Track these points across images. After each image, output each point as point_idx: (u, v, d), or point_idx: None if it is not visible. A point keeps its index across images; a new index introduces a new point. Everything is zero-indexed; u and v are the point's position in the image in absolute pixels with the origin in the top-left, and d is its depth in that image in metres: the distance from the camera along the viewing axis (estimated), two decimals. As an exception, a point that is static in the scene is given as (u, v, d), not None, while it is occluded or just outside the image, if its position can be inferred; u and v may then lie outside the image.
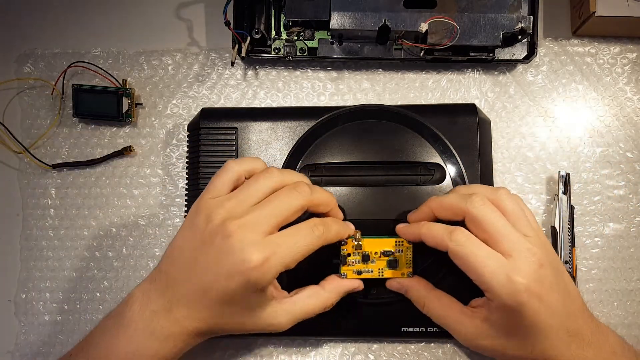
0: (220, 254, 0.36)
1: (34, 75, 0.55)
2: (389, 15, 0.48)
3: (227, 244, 0.36)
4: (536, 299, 0.36)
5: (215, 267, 0.36)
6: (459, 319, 0.40)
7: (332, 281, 0.42)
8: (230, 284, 0.36)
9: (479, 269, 0.37)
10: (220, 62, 0.54)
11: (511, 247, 0.37)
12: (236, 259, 0.36)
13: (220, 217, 0.37)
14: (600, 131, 0.52)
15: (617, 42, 0.52)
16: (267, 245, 0.36)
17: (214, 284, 0.37)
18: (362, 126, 0.48)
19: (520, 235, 0.37)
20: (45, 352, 0.52)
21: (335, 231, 0.40)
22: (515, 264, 0.36)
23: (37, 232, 0.53)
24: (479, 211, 0.38)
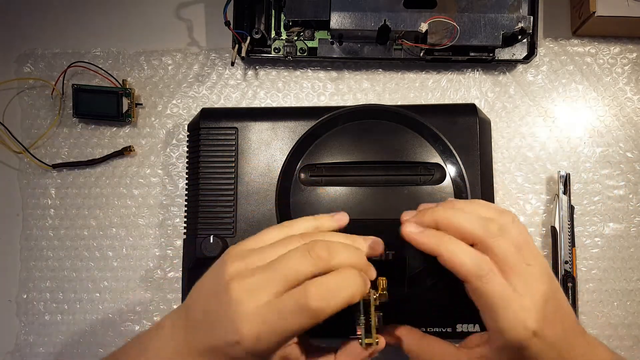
0: (222, 314, 0.34)
1: (34, 75, 0.55)
2: (389, 15, 0.48)
3: (227, 305, 0.33)
4: (539, 339, 0.35)
5: (218, 329, 0.34)
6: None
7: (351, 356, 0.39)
8: (232, 350, 0.34)
9: (498, 311, 0.34)
10: (220, 62, 0.54)
11: (522, 283, 0.34)
12: (232, 327, 0.33)
13: (231, 272, 0.34)
14: (600, 131, 0.52)
15: (617, 42, 0.52)
16: (259, 320, 0.33)
17: (218, 345, 0.34)
18: (362, 126, 0.48)
19: (527, 269, 0.35)
20: (46, 352, 0.52)
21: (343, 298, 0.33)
22: (526, 303, 0.34)
23: (37, 232, 0.53)
24: (497, 244, 0.35)
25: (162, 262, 0.52)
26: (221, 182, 0.48)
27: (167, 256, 0.52)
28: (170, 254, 0.52)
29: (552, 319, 0.36)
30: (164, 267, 0.52)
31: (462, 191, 0.46)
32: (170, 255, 0.52)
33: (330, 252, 0.34)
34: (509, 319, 0.34)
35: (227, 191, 0.48)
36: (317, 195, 0.47)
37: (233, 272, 0.34)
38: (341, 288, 0.33)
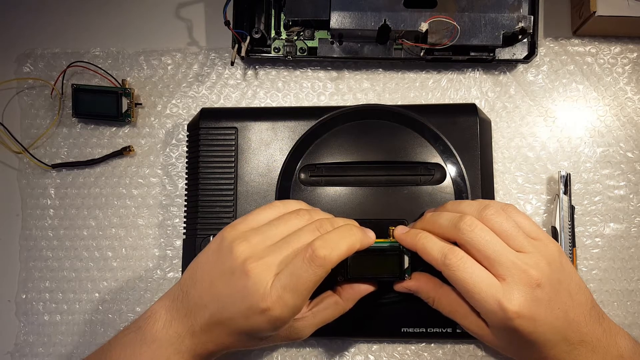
0: (238, 293, 0.36)
1: (33, 75, 0.55)
2: (389, 14, 0.48)
3: (244, 283, 0.36)
4: (530, 321, 0.36)
5: (234, 305, 0.37)
6: (467, 316, 0.40)
7: (348, 289, 0.42)
8: (250, 323, 0.36)
9: (470, 294, 0.37)
10: (220, 62, 0.54)
11: (504, 271, 0.36)
12: (253, 301, 0.36)
13: (243, 254, 0.37)
14: (601, 131, 0.52)
15: (617, 41, 0.52)
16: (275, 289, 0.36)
17: (234, 320, 0.37)
18: (362, 126, 0.48)
19: (515, 256, 0.37)
20: (45, 352, 0.52)
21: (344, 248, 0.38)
22: (507, 289, 0.36)
23: (36, 232, 0.53)
24: (469, 237, 0.37)
25: (162, 262, 0.52)
26: (221, 182, 0.48)
27: (166, 256, 0.52)
28: (170, 254, 0.52)
29: (549, 302, 0.36)
30: (164, 268, 0.52)
31: (463, 191, 0.46)
32: (169, 255, 0.52)
33: (333, 223, 0.39)
34: (484, 302, 0.36)
35: (227, 191, 0.48)
36: (317, 195, 0.47)
37: (245, 253, 0.37)
38: (342, 237, 0.38)
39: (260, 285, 0.36)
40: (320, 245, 0.36)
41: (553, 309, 0.36)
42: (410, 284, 0.42)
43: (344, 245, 0.37)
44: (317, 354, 0.50)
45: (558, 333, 0.37)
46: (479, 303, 0.36)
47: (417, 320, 0.47)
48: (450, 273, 0.37)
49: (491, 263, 0.37)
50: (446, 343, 0.49)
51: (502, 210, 0.39)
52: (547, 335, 0.36)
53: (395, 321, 0.47)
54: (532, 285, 0.36)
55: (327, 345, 0.50)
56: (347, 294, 0.42)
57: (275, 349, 0.50)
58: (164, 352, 0.38)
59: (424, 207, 0.46)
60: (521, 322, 0.36)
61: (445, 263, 0.37)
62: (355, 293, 0.42)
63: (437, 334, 0.47)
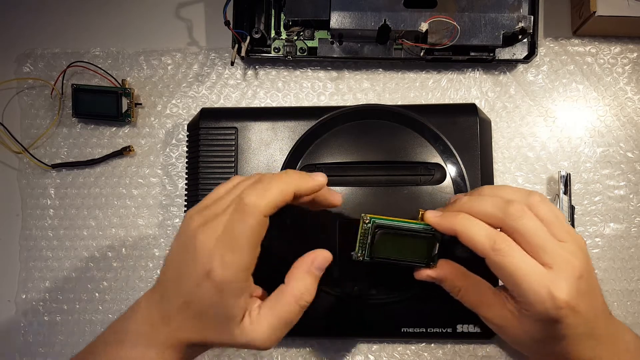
0: (191, 262, 0.35)
1: (33, 75, 0.55)
2: (389, 14, 0.48)
3: (193, 250, 0.35)
4: (572, 312, 0.35)
5: (189, 277, 0.36)
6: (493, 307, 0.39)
7: (295, 268, 0.37)
8: (202, 292, 0.35)
9: (519, 282, 0.35)
10: (220, 62, 0.54)
11: (552, 258, 0.35)
12: (200, 264, 0.35)
13: (194, 225, 0.36)
14: (601, 131, 0.52)
15: (617, 41, 0.52)
16: (220, 246, 0.34)
17: (191, 294, 0.36)
18: (362, 126, 0.48)
19: (559, 245, 0.36)
20: (45, 352, 0.52)
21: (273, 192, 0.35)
22: (556, 277, 0.35)
23: (36, 232, 0.53)
24: (520, 224, 0.36)
25: (162, 262, 0.52)
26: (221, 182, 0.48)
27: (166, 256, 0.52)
28: (170, 254, 0.52)
29: (585, 294, 0.36)
30: (164, 268, 0.52)
31: (463, 191, 0.46)
32: (169, 255, 0.52)
33: (280, 174, 0.37)
34: (534, 290, 0.35)
35: (227, 191, 0.48)
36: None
37: (196, 223, 0.36)
38: (273, 182, 0.35)
39: (204, 248, 0.35)
40: (247, 193, 0.35)
41: (588, 301, 0.36)
42: (436, 271, 0.40)
43: (275, 190, 0.35)
44: (318, 354, 0.50)
45: (589, 327, 0.36)
46: (528, 291, 0.35)
47: (417, 320, 0.47)
48: (498, 259, 0.35)
49: (538, 251, 0.35)
50: (446, 343, 0.49)
51: (546, 199, 0.38)
52: (580, 329, 0.36)
53: (395, 321, 0.47)
54: (576, 276, 0.35)
55: (327, 345, 0.50)
56: (294, 276, 0.37)
57: (275, 349, 0.50)
58: (140, 346, 0.37)
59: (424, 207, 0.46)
60: (567, 312, 0.35)
61: (494, 248, 0.35)
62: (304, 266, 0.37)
63: (437, 334, 0.47)
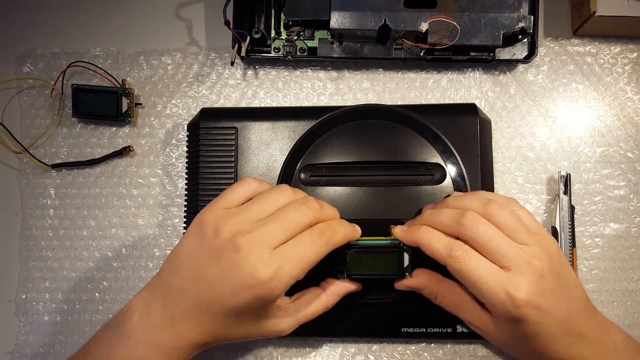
0: (228, 269, 0.36)
1: (33, 75, 0.55)
2: (389, 14, 0.48)
3: (235, 258, 0.36)
4: (536, 310, 0.36)
5: (222, 282, 0.36)
6: (470, 311, 0.41)
7: (332, 284, 0.42)
8: (238, 299, 0.36)
9: (477, 285, 0.37)
10: (220, 62, 0.54)
11: (509, 261, 0.36)
12: (245, 274, 0.35)
13: (230, 231, 0.37)
14: (601, 131, 0.51)
15: (617, 41, 0.52)
16: (275, 260, 0.36)
17: (221, 298, 0.36)
18: (362, 126, 0.48)
19: (519, 248, 0.37)
20: (45, 352, 0.52)
21: (342, 234, 0.40)
22: (513, 278, 0.36)
23: (36, 232, 0.53)
24: (472, 232, 0.37)
25: (162, 262, 0.52)
26: (221, 182, 0.48)
27: (166, 256, 0.52)
28: (170, 254, 0.52)
29: (552, 293, 0.37)
30: (164, 268, 0.52)
31: (463, 191, 0.46)
32: (169, 255, 0.52)
33: (321, 205, 0.40)
34: (492, 291, 0.36)
35: (227, 191, 0.48)
36: (317, 195, 0.47)
37: (232, 230, 0.37)
38: (342, 227, 0.40)
39: (252, 258, 0.35)
40: (325, 226, 0.38)
41: (556, 299, 0.37)
42: (411, 281, 0.42)
43: (344, 231, 0.40)
44: (317, 354, 0.50)
45: (560, 325, 0.37)
46: (487, 293, 0.36)
47: (417, 320, 0.47)
48: (455, 266, 0.37)
49: (495, 255, 0.37)
50: (446, 343, 0.49)
51: (505, 205, 0.39)
52: (550, 327, 0.37)
53: (395, 321, 0.47)
54: (537, 275, 0.36)
55: (327, 345, 0.50)
56: (330, 289, 0.42)
57: (275, 349, 0.50)
58: (140, 348, 0.37)
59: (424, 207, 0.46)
60: (528, 310, 0.36)
61: (450, 255, 0.37)
62: (338, 288, 0.42)
63: (437, 334, 0.47)
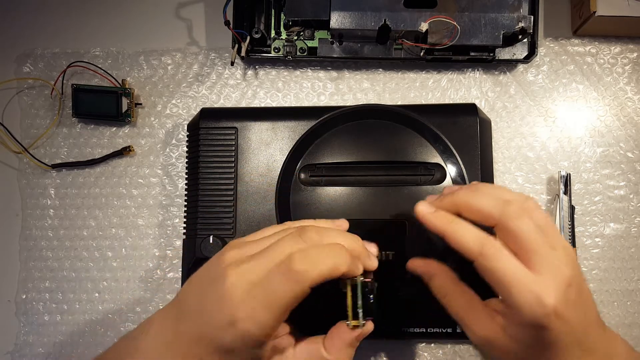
0: (218, 301, 0.34)
1: (33, 75, 0.55)
2: (389, 14, 0.48)
3: (222, 291, 0.34)
4: (560, 320, 0.34)
5: (211, 315, 0.34)
6: (480, 319, 0.38)
7: (338, 338, 0.37)
8: (225, 335, 0.34)
9: (507, 287, 0.34)
10: (220, 62, 0.54)
11: (542, 265, 0.34)
12: (227, 310, 0.33)
13: (228, 260, 0.35)
14: (601, 131, 0.51)
15: (617, 41, 0.52)
16: (250, 301, 0.33)
17: (212, 332, 0.34)
18: (362, 126, 0.48)
19: (551, 252, 0.35)
20: (45, 352, 0.52)
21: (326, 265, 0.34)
22: (545, 283, 0.34)
23: (36, 232, 0.53)
24: (516, 224, 0.35)
25: (162, 262, 0.52)
26: (221, 182, 0.48)
27: (166, 256, 0.52)
28: (170, 254, 0.52)
29: (574, 304, 0.35)
30: (164, 268, 0.52)
31: (463, 191, 0.46)
32: (169, 255, 0.52)
33: (321, 234, 0.35)
34: (523, 294, 0.34)
35: (227, 191, 0.48)
36: (317, 195, 0.47)
37: (230, 259, 0.35)
38: (325, 256, 0.34)
39: (234, 293, 0.33)
40: (298, 257, 0.33)
41: (576, 311, 0.35)
42: (431, 264, 0.39)
43: (328, 263, 0.34)
44: (317, 354, 0.50)
45: (576, 338, 0.36)
46: (516, 296, 0.34)
47: (417, 320, 0.47)
48: (486, 264, 0.35)
49: (530, 255, 0.35)
50: (446, 343, 0.49)
51: (540, 206, 0.37)
52: (568, 338, 0.35)
53: (395, 321, 0.47)
54: (565, 283, 0.35)
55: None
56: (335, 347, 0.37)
57: (275, 349, 0.50)
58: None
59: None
60: (554, 319, 0.34)
61: (482, 253, 0.35)
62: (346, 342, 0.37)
63: (437, 334, 0.47)
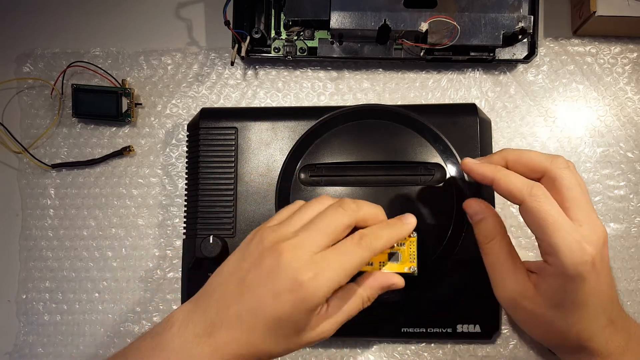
0: (269, 274, 0.35)
1: (33, 75, 0.55)
2: (389, 14, 0.48)
3: (276, 262, 0.35)
4: (596, 275, 0.35)
5: (263, 287, 0.35)
6: (511, 272, 0.39)
7: (368, 277, 0.40)
8: (279, 304, 0.35)
9: (551, 230, 0.35)
10: (220, 62, 0.54)
11: (584, 216, 0.36)
12: (285, 276, 0.35)
13: (272, 240, 0.36)
14: (601, 131, 0.51)
15: (617, 41, 0.52)
16: (317, 263, 0.35)
17: (262, 304, 0.35)
18: (362, 126, 0.48)
19: (591, 208, 0.36)
20: (45, 352, 0.52)
21: (385, 238, 0.38)
22: (585, 232, 0.35)
23: (36, 232, 0.53)
24: (564, 173, 0.36)
25: (162, 262, 0.52)
26: (221, 182, 0.48)
27: (166, 256, 0.52)
28: (170, 254, 0.52)
29: (606, 263, 0.36)
30: (164, 268, 0.52)
31: (463, 192, 0.46)
32: (169, 255, 0.52)
33: (358, 204, 0.39)
34: (567, 239, 0.35)
35: (227, 191, 0.48)
36: (317, 195, 0.47)
37: (275, 238, 0.37)
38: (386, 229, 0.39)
39: (293, 262, 0.35)
40: (368, 233, 0.37)
41: (609, 273, 0.36)
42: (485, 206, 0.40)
43: (385, 235, 0.38)
44: (317, 354, 0.50)
45: (603, 302, 0.36)
46: (559, 240, 0.35)
47: (417, 320, 0.47)
48: (534, 205, 0.36)
49: (572, 206, 0.36)
50: (446, 343, 0.49)
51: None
52: (598, 300, 0.36)
53: (395, 321, 0.47)
54: (603, 240, 0.36)
55: (327, 345, 0.50)
56: (366, 283, 0.39)
57: (275, 349, 0.49)
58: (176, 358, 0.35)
59: (424, 207, 0.46)
60: (591, 270, 0.35)
61: (531, 194, 0.36)
62: (375, 282, 0.39)
63: (437, 334, 0.47)
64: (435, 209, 0.46)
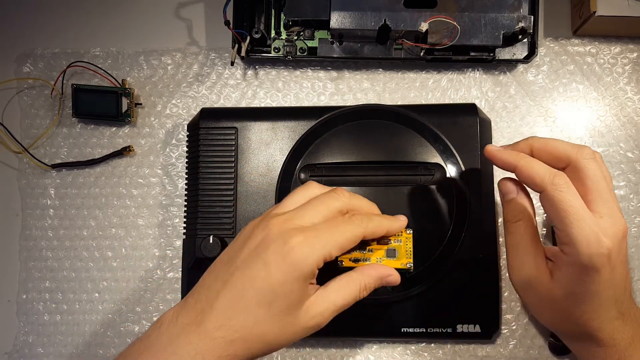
0: (259, 246, 0.35)
1: (33, 75, 0.55)
2: (389, 14, 0.48)
3: (266, 234, 0.35)
4: (610, 267, 0.35)
5: (254, 261, 0.35)
6: (532, 256, 0.39)
7: (366, 266, 0.40)
8: (270, 272, 0.34)
9: (571, 220, 0.35)
10: (220, 62, 0.54)
11: (605, 208, 0.36)
12: (275, 245, 0.35)
13: (263, 219, 0.37)
14: (601, 131, 0.51)
15: (617, 41, 0.52)
16: (307, 231, 0.35)
17: (252, 277, 0.34)
18: (362, 126, 0.48)
19: (613, 199, 0.36)
20: (45, 352, 0.52)
21: (377, 221, 0.39)
22: (604, 225, 0.35)
23: (36, 232, 0.53)
24: (589, 164, 0.36)
25: (162, 262, 0.52)
26: (221, 182, 0.48)
27: (166, 256, 0.52)
28: (170, 254, 0.52)
29: (623, 256, 0.36)
30: (164, 268, 0.52)
31: (463, 191, 0.46)
32: (169, 255, 0.52)
33: (351, 194, 0.40)
34: (585, 230, 0.35)
35: (227, 191, 0.48)
36: (317, 195, 0.47)
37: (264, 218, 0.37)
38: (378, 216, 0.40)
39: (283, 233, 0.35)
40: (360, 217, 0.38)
41: (623, 266, 0.36)
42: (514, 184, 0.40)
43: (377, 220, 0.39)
44: (317, 354, 0.50)
45: (615, 294, 0.37)
46: (577, 230, 0.35)
47: (417, 320, 0.47)
48: (556, 194, 0.36)
49: (594, 197, 0.36)
50: (446, 343, 0.49)
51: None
52: (610, 292, 0.36)
53: (395, 321, 0.47)
54: (622, 233, 0.36)
55: (327, 345, 0.50)
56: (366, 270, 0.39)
57: (275, 349, 0.50)
58: (162, 355, 0.34)
59: (424, 207, 0.46)
60: (606, 263, 0.35)
61: (554, 182, 0.36)
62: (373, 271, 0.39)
63: (437, 334, 0.47)
64: (436, 209, 0.46)
